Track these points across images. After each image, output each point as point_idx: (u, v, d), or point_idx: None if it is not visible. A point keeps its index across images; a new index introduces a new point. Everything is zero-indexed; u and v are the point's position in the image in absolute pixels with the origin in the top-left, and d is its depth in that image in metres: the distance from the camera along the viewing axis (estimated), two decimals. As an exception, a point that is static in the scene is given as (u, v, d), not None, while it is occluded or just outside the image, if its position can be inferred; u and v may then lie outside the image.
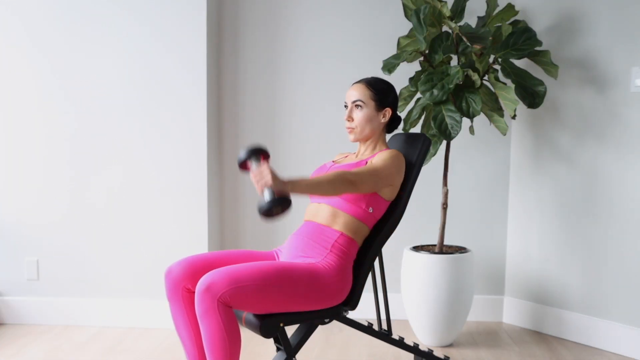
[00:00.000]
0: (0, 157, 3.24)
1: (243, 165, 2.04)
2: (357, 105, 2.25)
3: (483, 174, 3.39)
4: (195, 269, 2.07)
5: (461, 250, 3.06)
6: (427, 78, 2.80)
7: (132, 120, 3.18)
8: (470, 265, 2.99)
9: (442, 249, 3.05)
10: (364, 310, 2.99)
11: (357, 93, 2.25)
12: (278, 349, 2.16)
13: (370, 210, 2.16)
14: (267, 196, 1.86)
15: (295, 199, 3.43)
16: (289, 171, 3.43)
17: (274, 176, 1.86)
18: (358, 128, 2.25)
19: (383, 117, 2.27)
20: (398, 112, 2.40)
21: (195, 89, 3.15)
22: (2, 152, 3.24)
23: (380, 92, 2.25)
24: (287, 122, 3.44)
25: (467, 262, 2.97)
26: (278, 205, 1.86)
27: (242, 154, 2.02)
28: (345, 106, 2.29)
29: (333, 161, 2.38)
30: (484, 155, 3.38)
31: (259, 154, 2.01)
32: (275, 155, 3.44)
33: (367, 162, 2.19)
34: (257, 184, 1.87)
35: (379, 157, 2.17)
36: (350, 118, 2.26)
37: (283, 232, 3.44)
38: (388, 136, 3.11)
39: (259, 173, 1.88)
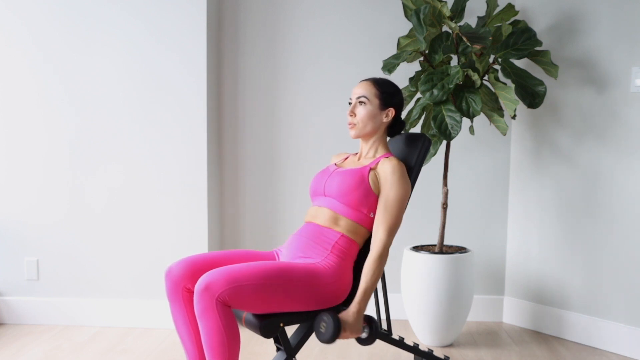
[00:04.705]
0: (0, 157, 3.24)
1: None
2: (361, 102, 2.25)
3: (483, 174, 3.39)
4: (195, 269, 2.07)
5: (461, 250, 3.05)
6: (427, 78, 2.80)
7: (132, 120, 3.19)
8: (470, 265, 2.99)
9: (442, 249, 3.05)
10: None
11: (362, 89, 2.26)
12: (278, 349, 2.16)
13: (372, 215, 2.16)
14: (333, 329, 1.98)
15: (297, 200, 3.44)
16: (288, 170, 3.43)
17: (359, 328, 2.05)
18: (360, 124, 2.25)
19: (386, 116, 2.27)
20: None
21: (195, 89, 3.15)
22: (2, 152, 3.24)
23: (386, 92, 2.26)
24: (287, 122, 3.43)
25: (467, 262, 2.97)
26: (339, 331, 2.00)
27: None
28: (350, 102, 2.29)
29: (335, 164, 2.37)
30: (484, 155, 3.38)
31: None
32: (275, 155, 3.44)
33: (369, 170, 2.18)
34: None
35: (387, 180, 2.15)
36: (352, 113, 2.26)
37: (283, 233, 3.44)
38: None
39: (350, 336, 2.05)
